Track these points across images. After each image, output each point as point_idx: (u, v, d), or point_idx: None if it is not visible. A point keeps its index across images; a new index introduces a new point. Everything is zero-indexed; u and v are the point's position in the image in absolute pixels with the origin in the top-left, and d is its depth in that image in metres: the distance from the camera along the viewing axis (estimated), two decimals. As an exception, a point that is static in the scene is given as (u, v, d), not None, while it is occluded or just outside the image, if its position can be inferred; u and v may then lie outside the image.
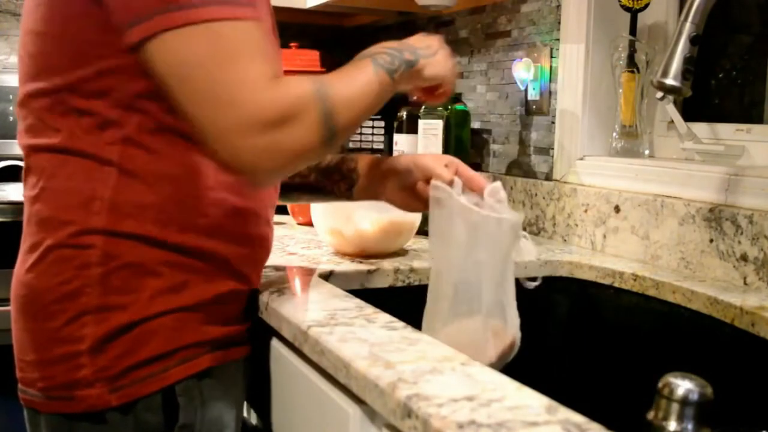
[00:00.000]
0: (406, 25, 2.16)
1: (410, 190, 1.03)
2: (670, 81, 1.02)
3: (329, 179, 1.10)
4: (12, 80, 2.33)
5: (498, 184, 0.96)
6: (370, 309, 0.91)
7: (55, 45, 0.86)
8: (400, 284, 1.20)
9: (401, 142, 1.66)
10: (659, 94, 1.13)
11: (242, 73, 0.77)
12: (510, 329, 0.97)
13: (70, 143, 0.87)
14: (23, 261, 0.91)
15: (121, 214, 0.86)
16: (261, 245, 0.99)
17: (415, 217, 1.29)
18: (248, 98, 0.76)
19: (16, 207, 1.97)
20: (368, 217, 1.25)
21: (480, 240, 0.92)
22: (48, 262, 0.88)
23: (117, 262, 0.86)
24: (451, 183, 0.96)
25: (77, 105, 0.86)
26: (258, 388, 1.03)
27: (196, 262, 0.90)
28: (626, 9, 1.37)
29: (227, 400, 0.94)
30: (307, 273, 1.13)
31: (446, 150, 1.55)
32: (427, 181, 0.98)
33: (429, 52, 0.96)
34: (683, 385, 0.77)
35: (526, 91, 1.61)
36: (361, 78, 0.87)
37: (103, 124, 0.86)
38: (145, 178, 0.86)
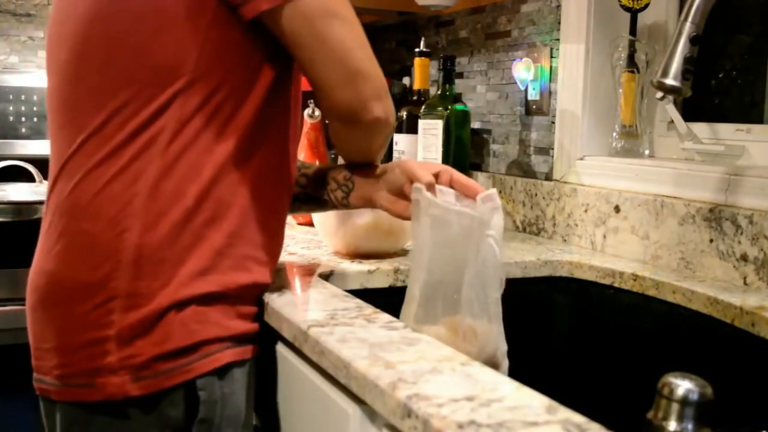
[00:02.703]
0: (406, 25, 2.16)
1: (399, 195, 1.04)
2: (670, 81, 1.02)
3: (326, 188, 1.11)
4: (12, 80, 2.33)
5: (493, 190, 0.95)
6: (370, 309, 0.91)
7: (133, 25, 0.88)
8: (400, 284, 1.20)
9: (401, 141, 1.66)
10: (659, 94, 1.13)
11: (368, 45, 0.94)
12: (488, 344, 0.94)
13: (121, 126, 0.88)
14: (47, 250, 0.92)
15: (161, 195, 0.87)
16: (279, 237, 1.02)
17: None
18: (378, 68, 0.95)
19: (17, 207, 1.97)
20: (365, 218, 1.24)
21: (445, 236, 0.91)
22: (78, 248, 0.88)
23: (150, 247, 0.87)
24: (430, 186, 0.96)
25: (135, 86, 0.87)
26: (259, 388, 1.03)
27: (225, 248, 0.90)
28: (626, 9, 1.37)
29: (244, 396, 0.94)
30: (307, 273, 1.13)
31: (446, 150, 1.56)
32: (412, 182, 0.99)
33: None
34: (683, 385, 0.77)
35: (526, 91, 1.61)
36: None
37: (154, 106, 0.87)
38: (187, 159, 0.88)
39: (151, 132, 0.87)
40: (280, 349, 0.97)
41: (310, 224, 1.57)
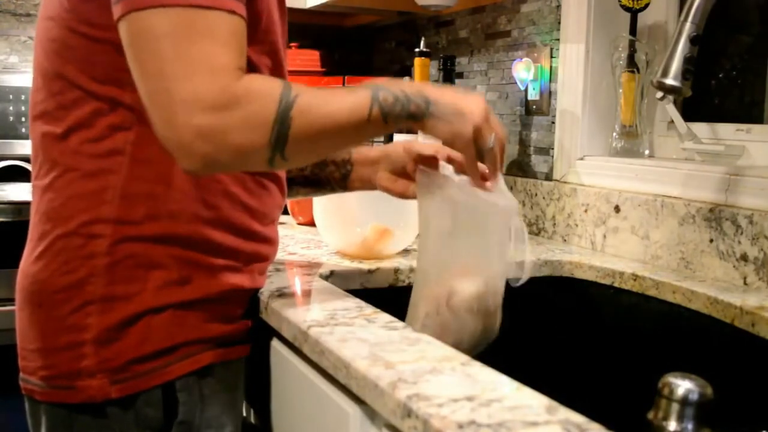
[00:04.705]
0: (406, 25, 2.16)
1: (402, 175, 1.04)
2: (670, 81, 1.02)
3: (324, 170, 1.11)
4: (12, 80, 2.33)
5: (499, 176, 0.95)
6: (370, 309, 0.91)
7: (73, 30, 0.87)
8: (400, 284, 1.20)
9: (401, 141, 1.66)
10: (659, 94, 1.12)
11: (205, 54, 0.75)
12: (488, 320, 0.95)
13: (83, 132, 0.87)
14: (30, 252, 0.92)
15: (132, 203, 0.87)
16: (267, 244, 1.00)
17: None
18: (203, 77, 0.74)
19: (16, 207, 1.97)
20: (370, 223, 1.24)
21: (469, 220, 0.91)
22: (55, 252, 0.88)
23: (124, 252, 0.86)
24: (433, 159, 0.96)
25: (93, 92, 0.86)
26: (258, 388, 1.03)
27: (202, 256, 0.90)
28: (626, 9, 1.37)
29: (227, 398, 0.94)
30: (307, 273, 1.13)
31: (446, 150, 1.55)
32: (416, 161, 0.99)
33: (448, 110, 0.87)
34: (683, 385, 0.77)
35: (526, 91, 1.61)
36: (345, 102, 0.82)
37: (117, 113, 0.86)
38: (156, 168, 0.87)
39: (114, 141, 0.86)
40: (280, 348, 0.97)
41: (310, 224, 1.57)
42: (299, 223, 1.62)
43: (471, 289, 0.92)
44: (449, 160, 0.99)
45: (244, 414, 1.12)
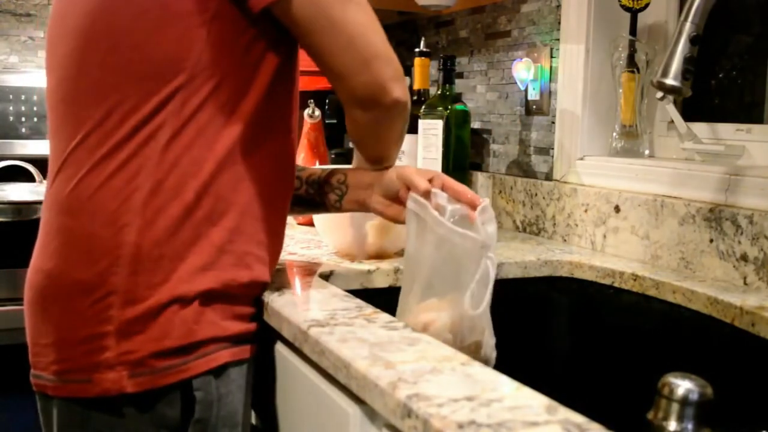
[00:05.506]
0: (406, 25, 2.16)
1: (394, 200, 1.05)
2: (670, 81, 1.02)
3: (319, 191, 1.11)
4: (12, 80, 2.33)
5: (486, 202, 0.96)
6: (370, 309, 0.91)
7: (145, 11, 0.87)
8: (400, 284, 1.20)
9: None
10: (659, 94, 1.13)
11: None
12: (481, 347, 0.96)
13: (118, 125, 0.87)
14: (44, 246, 0.92)
15: (161, 193, 0.87)
16: (280, 235, 1.01)
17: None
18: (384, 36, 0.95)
19: (16, 207, 1.97)
20: (369, 222, 1.24)
21: (446, 253, 0.93)
22: (77, 243, 0.88)
23: (149, 242, 0.86)
24: (426, 193, 0.97)
25: (138, 78, 0.87)
26: (258, 388, 1.03)
27: (225, 244, 0.90)
28: (626, 9, 1.37)
29: (241, 397, 0.94)
30: (307, 273, 1.13)
31: (446, 150, 1.55)
32: (409, 190, 1.00)
33: None
34: (683, 385, 0.77)
35: (526, 91, 1.61)
36: None
37: (158, 97, 0.87)
38: (188, 153, 0.88)
39: (151, 127, 0.87)
40: (280, 348, 0.97)
41: (310, 224, 1.57)
42: (299, 223, 1.62)
43: (444, 320, 0.92)
44: (443, 188, 0.99)
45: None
